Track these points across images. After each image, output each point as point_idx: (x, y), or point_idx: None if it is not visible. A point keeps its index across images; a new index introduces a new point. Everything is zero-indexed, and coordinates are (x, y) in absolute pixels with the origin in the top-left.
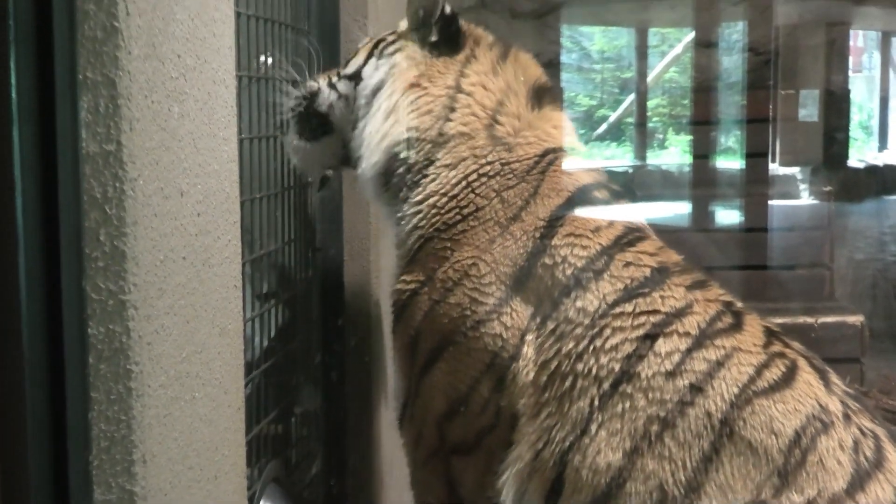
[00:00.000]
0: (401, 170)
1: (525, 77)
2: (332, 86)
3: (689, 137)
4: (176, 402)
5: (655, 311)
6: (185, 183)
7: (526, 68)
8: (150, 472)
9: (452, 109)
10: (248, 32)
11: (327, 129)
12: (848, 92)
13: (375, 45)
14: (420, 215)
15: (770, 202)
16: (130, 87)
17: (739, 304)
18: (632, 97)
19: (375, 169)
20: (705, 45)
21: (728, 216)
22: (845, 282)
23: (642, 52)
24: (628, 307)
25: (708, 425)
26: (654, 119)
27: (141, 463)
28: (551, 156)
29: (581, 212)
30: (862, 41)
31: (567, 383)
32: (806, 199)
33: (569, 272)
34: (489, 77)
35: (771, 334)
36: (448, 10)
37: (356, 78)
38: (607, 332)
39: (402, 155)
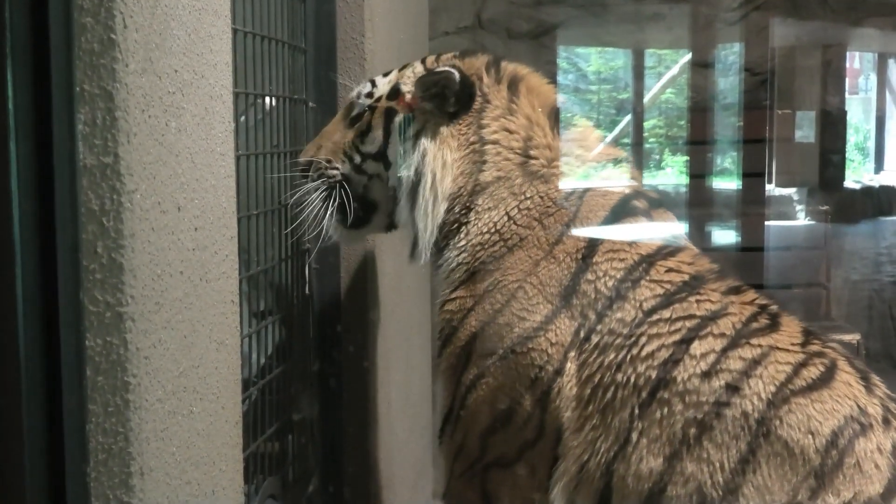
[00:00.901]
0: (444, 228)
1: (542, 104)
2: (358, 169)
3: (686, 158)
4: (173, 416)
5: (691, 316)
6: (183, 198)
7: (539, 94)
8: (148, 485)
9: (483, 162)
10: (245, 49)
11: (372, 208)
12: (845, 113)
13: (388, 118)
14: (465, 253)
15: (766, 222)
16: (127, 101)
17: (776, 307)
18: (628, 118)
19: (432, 249)
20: (702, 65)
21: (724, 236)
22: (841, 302)
23: (639, 73)
24: (665, 313)
25: (745, 426)
26: (651, 140)
27: (139, 476)
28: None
29: (619, 229)
30: (858, 63)
31: (609, 394)
32: (802, 219)
33: (610, 284)
34: (509, 119)
35: (809, 334)
36: (458, 78)
37: (382, 158)
38: (643, 339)
39: (447, 219)
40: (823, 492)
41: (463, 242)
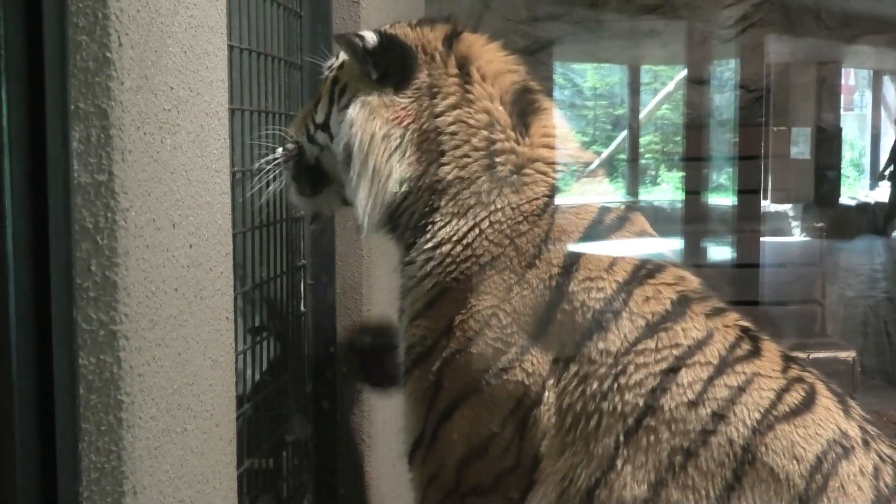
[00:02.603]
0: (402, 217)
1: (501, 94)
2: (311, 139)
3: (682, 174)
4: (167, 434)
5: (678, 345)
6: (178, 215)
7: (495, 80)
8: (141, 503)
9: (441, 153)
10: (241, 66)
11: (324, 180)
12: (840, 130)
13: (332, 85)
14: (433, 262)
15: (762, 238)
16: (123, 118)
17: (755, 329)
18: (624, 134)
19: (375, 228)
20: (697, 82)
21: (720, 252)
22: (837, 318)
23: (634, 89)
24: (651, 343)
25: (730, 452)
26: (647, 155)
27: (131, 494)
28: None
29: (595, 249)
30: (853, 80)
31: (593, 422)
32: (798, 236)
33: (588, 316)
34: (465, 110)
35: (788, 359)
36: (372, 42)
37: (327, 129)
38: (630, 368)
39: (401, 205)
40: None
41: (429, 245)
